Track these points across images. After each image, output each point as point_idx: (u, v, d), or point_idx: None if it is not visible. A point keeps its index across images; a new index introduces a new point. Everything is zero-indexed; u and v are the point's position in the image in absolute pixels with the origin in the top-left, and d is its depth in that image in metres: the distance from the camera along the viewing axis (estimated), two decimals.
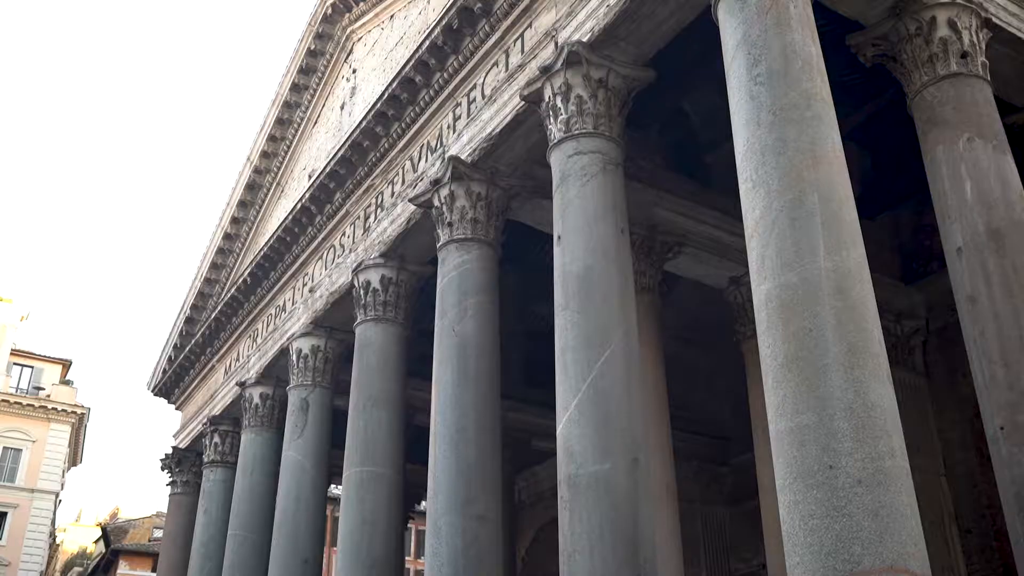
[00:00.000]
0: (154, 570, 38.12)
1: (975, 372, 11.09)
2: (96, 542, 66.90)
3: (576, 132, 13.11)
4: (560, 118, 13.28)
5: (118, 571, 50.99)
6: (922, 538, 8.18)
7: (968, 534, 17.69)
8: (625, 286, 12.59)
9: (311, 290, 21.21)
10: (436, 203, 15.85)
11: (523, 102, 14.32)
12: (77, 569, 69.15)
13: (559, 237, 12.85)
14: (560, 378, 11.85)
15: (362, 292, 18.19)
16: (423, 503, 23.02)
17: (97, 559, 59.42)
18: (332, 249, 20.64)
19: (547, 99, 13.59)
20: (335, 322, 20.44)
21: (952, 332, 17.33)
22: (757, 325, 9.43)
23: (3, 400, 46.80)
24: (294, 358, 20.87)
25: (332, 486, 24.13)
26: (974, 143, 11.54)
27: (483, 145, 15.37)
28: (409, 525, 31.82)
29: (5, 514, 44.81)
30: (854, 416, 8.30)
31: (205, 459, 25.87)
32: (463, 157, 15.62)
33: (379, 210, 18.75)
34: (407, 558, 31.73)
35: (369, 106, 18.67)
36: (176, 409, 30.47)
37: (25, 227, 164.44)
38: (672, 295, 18.48)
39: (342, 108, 22.52)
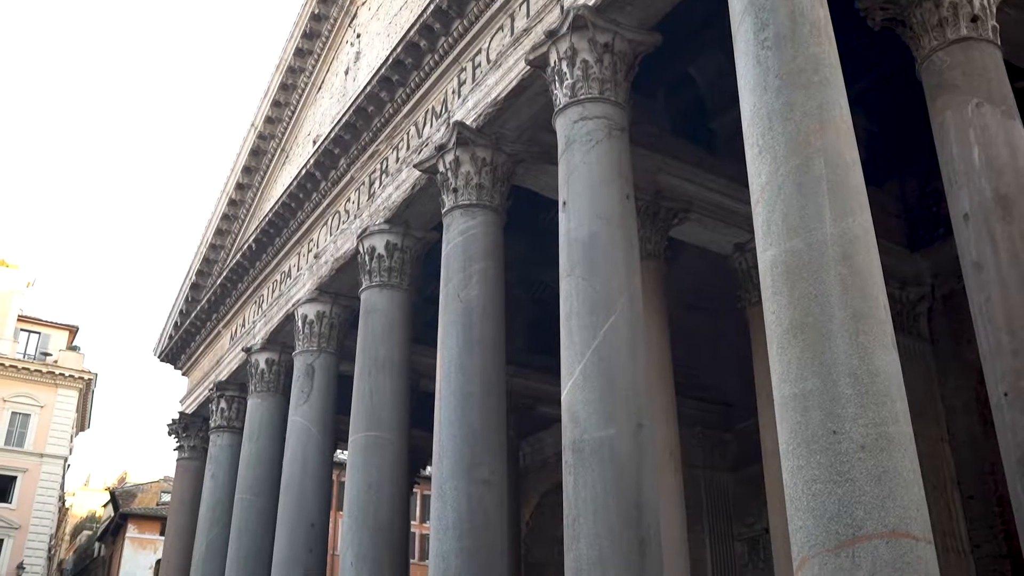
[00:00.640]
0: (162, 533, 38.56)
1: (980, 338, 11.08)
2: (105, 506, 67.56)
3: (582, 97, 13.03)
4: (566, 83, 13.21)
5: (127, 534, 51.53)
6: (924, 503, 8.22)
7: (970, 499, 17.79)
8: (630, 252, 12.59)
9: (316, 256, 21.23)
10: (441, 169, 15.81)
11: (528, 67, 14.22)
12: (86, 532, 69.91)
13: (564, 203, 12.82)
14: (565, 344, 11.88)
15: (367, 258, 18.21)
16: (428, 468, 23.19)
17: (106, 523, 60.02)
18: (337, 215, 20.64)
19: (552, 64, 13.50)
20: (340, 288, 20.48)
21: (958, 299, 17.33)
22: (762, 291, 9.42)
23: (11, 366, 47.05)
24: (299, 324, 20.94)
25: (338, 451, 24.29)
26: (983, 108, 11.44)
27: (488, 110, 15.30)
28: (415, 490, 32.07)
29: (15, 478, 45.21)
30: (858, 382, 8.31)
31: (212, 424, 26.05)
32: (468, 122, 15.55)
33: (384, 176, 18.71)
34: (412, 523, 32.03)
35: (373, 71, 18.57)
36: (183, 375, 30.65)
37: (31, 193, 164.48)
38: (677, 261, 18.48)
39: (346, 73, 22.41)
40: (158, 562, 39.24)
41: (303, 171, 21.00)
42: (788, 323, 8.82)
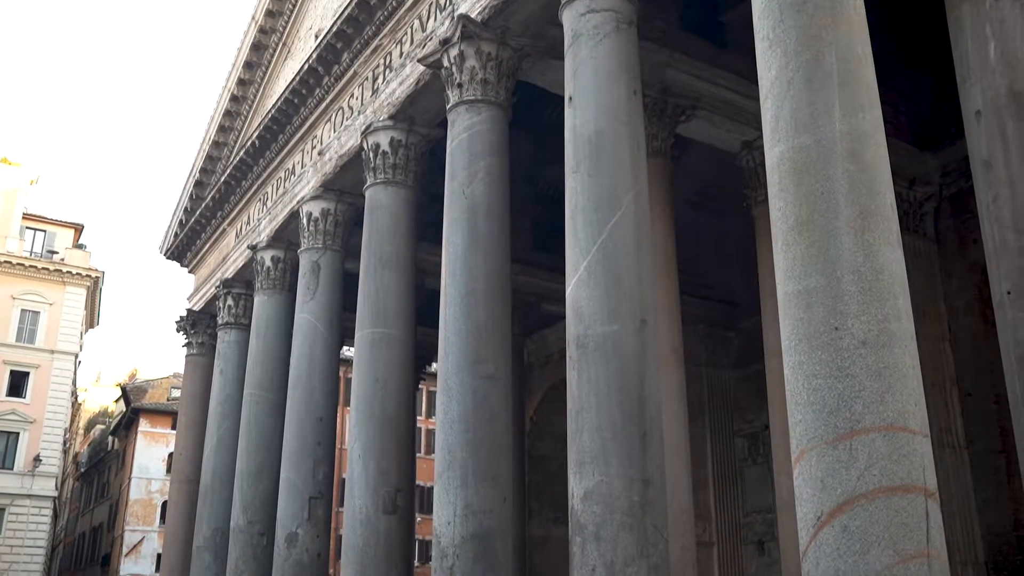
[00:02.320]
0: (173, 427, 39.38)
1: (986, 237, 11.07)
2: (116, 401, 68.81)
3: None
4: None
5: (139, 428, 52.62)
6: (923, 399, 8.35)
7: (968, 397, 18.05)
8: (636, 149, 12.48)
9: (320, 153, 21.08)
10: (445, 63, 15.55)
11: None
12: (100, 427, 71.42)
13: (570, 98, 12.66)
14: (570, 240, 11.89)
15: (371, 155, 18.08)
16: (434, 364, 23.51)
17: (118, 417, 61.21)
18: (341, 111, 20.40)
19: None
20: (345, 185, 20.40)
21: (965, 199, 17.26)
22: (769, 188, 9.37)
23: (18, 263, 47.29)
24: (304, 221, 20.95)
25: (344, 348, 24.60)
26: (1001, 2, 11.15)
27: (493, 3, 14.95)
28: (420, 386, 32.56)
29: (27, 374, 45.95)
30: (862, 279, 8.34)
31: (219, 321, 26.31)
32: (473, 15, 15.22)
33: (388, 71, 18.42)
34: (419, 418, 32.63)
35: None
36: (189, 272, 30.81)
37: (32, 91, 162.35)
38: (684, 159, 18.33)
39: None
40: (170, 455, 40.17)
41: (305, 66, 20.67)
42: (794, 220, 8.80)
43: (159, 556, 37.96)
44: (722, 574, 23.00)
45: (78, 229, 53.09)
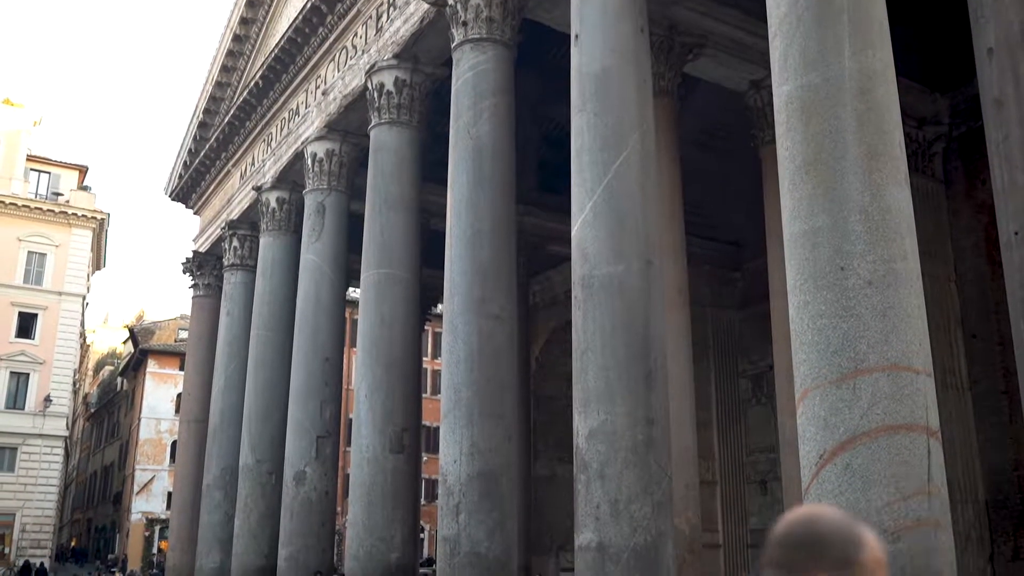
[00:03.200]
0: (181, 368, 39.67)
1: (994, 177, 10.98)
2: (124, 343, 69.28)
3: None
4: None
5: (147, 370, 53.06)
6: (927, 339, 8.37)
7: (973, 338, 18.08)
8: (643, 88, 12.36)
9: (324, 93, 20.89)
10: (450, 1, 15.32)
11: None
12: (108, 368, 72.05)
13: (576, 36, 12.49)
14: (576, 180, 11.83)
15: (376, 95, 17.92)
16: (439, 306, 23.58)
17: (127, 359, 61.69)
18: (344, 51, 20.18)
19: None
20: (349, 126, 20.27)
21: (974, 139, 17.07)
22: (776, 127, 9.29)
23: (23, 205, 47.23)
24: (309, 162, 20.86)
25: (350, 289, 24.67)
26: None
27: None
28: (426, 327, 32.69)
29: (36, 316, 46.20)
30: (869, 219, 8.30)
31: (225, 263, 26.36)
32: None
33: (392, 9, 18.17)
34: (424, 358, 32.81)
35: None
36: (194, 214, 30.79)
37: (34, 30, 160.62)
38: (690, 99, 18.15)
39: None
40: (179, 395, 40.59)
41: (308, 4, 20.39)
42: (801, 160, 8.74)
43: (169, 494, 38.56)
44: (725, 513, 23.33)
45: (82, 171, 52.92)
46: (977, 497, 16.76)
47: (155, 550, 46.85)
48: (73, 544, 60.26)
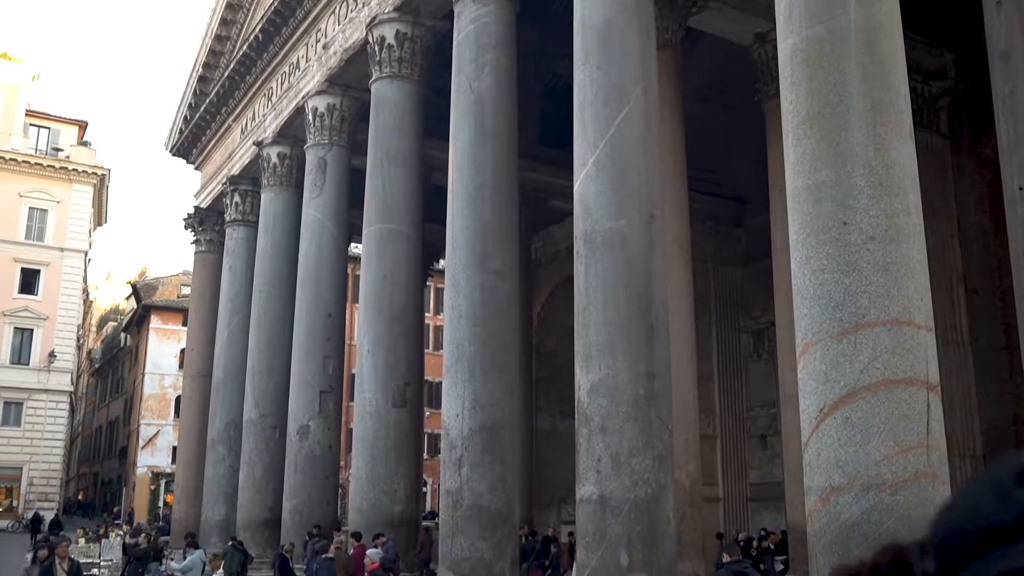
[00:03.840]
0: (184, 324, 39.77)
1: (1000, 132, 10.92)
2: (127, 299, 69.35)
3: None
4: None
5: (151, 325, 53.14)
6: (928, 294, 8.38)
7: (974, 294, 18.09)
8: (646, 41, 12.23)
9: (325, 47, 20.71)
10: None
11: None
12: (112, 324, 72.21)
13: None
14: (578, 134, 11.76)
15: (377, 48, 17.76)
16: (441, 262, 23.57)
17: (130, 315, 61.80)
18: (345, 3, 19.96)
19: None
20: (350, 80, 20.11)
21: (980, 95, 16.93)
22: (780, 81, 9.22)
23: (24, 161, 46.99)
24: (310, 117, 20.74)
25: (352, 245, 24.66)
26: None
27: None
28: (428, 283, 32.72)
29: (38, 272, 46.16)
30: (872, 173, 8.28)
31: (227, 218, 26.33)
32: None
33: None
34: (426, 314, 32.88)
35: None
36: (195, 169, 30.68)
37: None
38: (694, 52, 17.94)
39: None
40: (182, 351, 40.74)
41: None
42: (805, 113, 8.68)
43: (174, 448, 38.86)
44: (725, 466, 23.53)
45: (82, 126, 52.58)
46: (975, 452, 16.88)
47: (161, 503, 47.34)
48: (80, 497, 60.88)
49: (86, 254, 50.72)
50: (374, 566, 12.40)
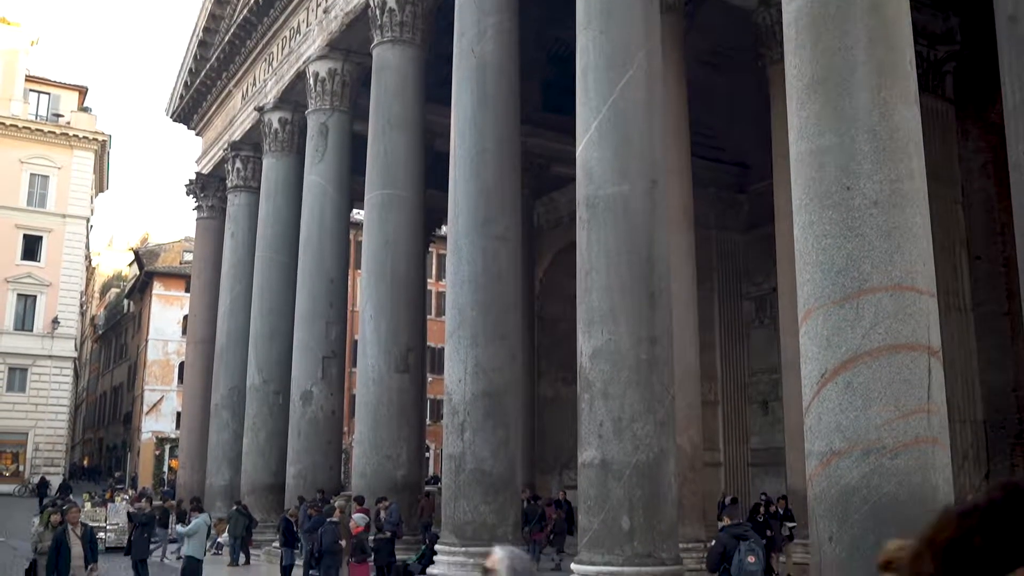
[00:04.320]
0: (187, 290, 39.82)
1: (1006, 96, 10.84)
2: (130, 265, 69.41)
3: None
4: None
5: (153, 292, 53.23)
6: (931, 259, 8.36)
7: (977, 260, 18.06)
8: (649, 5, 12.12)
9: (325, 11, 20.53)
10: None
11: None
12: (115, 290, 72.32)
13: None
14: (581, 99, 11.69)
15: (378, 12, 17.61)
16: (443, 228, 23.55)
17: (132, 281, 61.86)
18: None
19: None
20: (351, 44, 19.97)
21: (987, 59, 16.79)
22: (785, 45, 9.14)
23: (24, 127, 46.79)
24: (311, 82, 20.61)
25: (355, 211, 24.61)
26: None
27: None
28: (430, 249, 32.71)
29: (41, 238, 46.14)
30: (876, 137, 8.23)
31: (228, 184, 26.27)
32: None
33: None
34: (429, 280, 32.89)
35: None
36: (196, 135, 30.56)
37: None
38: (697, 16, 17.79)
39: None
40: (185, 317, 40.85)
41: None
42: (810, 77, 8.62)
43: (179, 414, 39.04)
44: (726, 432, 23.63)
45: (82, 92, 52.29)
46: (976, 417, 16.93)
47: (166, 468, 47.70)
48: (86, 462, 61.34)
49: (88, 220, 50.67)
50: (358, 530, 12.61)
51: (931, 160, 9.10)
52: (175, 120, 30.53)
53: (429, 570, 13.58)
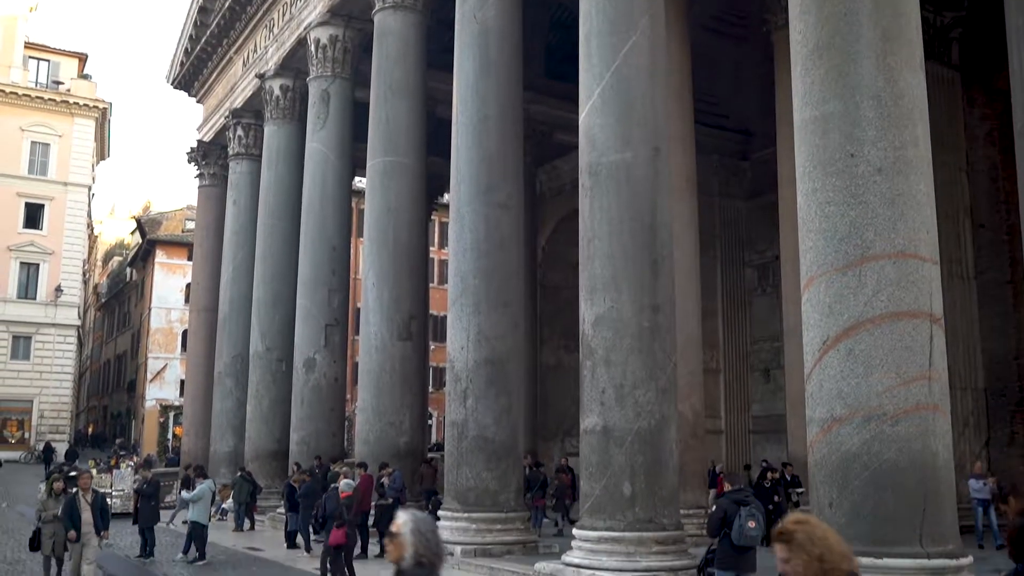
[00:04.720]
0: (189, 258, 39.83)
1: (1012, 62, 10.78)
2: (132, 233, 69.34)
3: None
4: None
5: (156, 260, 53.23)
6: (935, 227, 8.34)
7: (981, 228, 18.03)
8: None
9: None
10: None
11: None
12: (117, 258, 72.32)
13: None
14: (583, 66, 11.60)
15: None
16: (446, 196, 23.49)
17: (135, 249, 61.84)
18: None
19: None
20: (353, 10, 19.80)
21: (994, 25, 16.65)
22: (790, 10, 9.06)
23: (24, 94, 46.54)
24: (312, 48, 20.47)
25: (357, 179, 24.55)
26: None
27: None
28: (433, 217, 32.67)
29: (43, 206, 46.05)
30: (881, 104, 8.18)
31: (230, 152, 26.18)
32: None
33: None
34: (431, 248, 32.88)
35: None
36: (197, 102, 30.41)
37: None
38: None
39: None
40: (188, 285, 40.87)
41: None
42: (814, 43, 8.55)
43: (182, 382, 39.16)
44: (728, 399, 23.72)
45: (82, 59, 51.94)
46: (976, 385, 16.98)
47: (170, 435, 47.98)
48: (91, 430, 61.67)
49: (90, 188, 50.58)
50: (345, 495, 12.81)
51: (936, 127, 9.04)
52: (176, 87, 30.38)
53: None
